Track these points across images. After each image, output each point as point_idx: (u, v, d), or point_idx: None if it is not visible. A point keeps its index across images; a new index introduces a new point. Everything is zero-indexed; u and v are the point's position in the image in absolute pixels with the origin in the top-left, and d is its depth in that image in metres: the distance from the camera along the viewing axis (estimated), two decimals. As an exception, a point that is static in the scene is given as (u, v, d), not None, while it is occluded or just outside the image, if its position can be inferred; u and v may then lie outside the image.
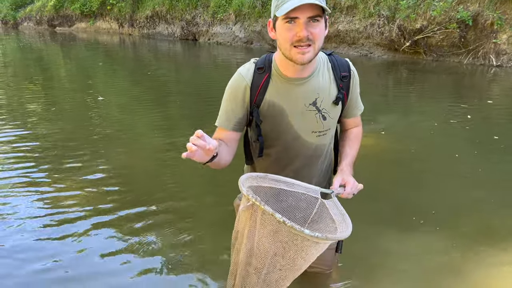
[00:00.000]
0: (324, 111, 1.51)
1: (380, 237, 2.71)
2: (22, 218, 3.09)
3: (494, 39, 8.71)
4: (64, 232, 2.90)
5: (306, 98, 1.49)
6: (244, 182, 1.31)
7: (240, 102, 1.50)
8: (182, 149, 1.25)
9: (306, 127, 1.53)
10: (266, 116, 1.51)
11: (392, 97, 6.96)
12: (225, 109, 1.54)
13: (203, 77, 9.23)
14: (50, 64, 12.20)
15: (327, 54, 1.58)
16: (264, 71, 1.48)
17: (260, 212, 1.18)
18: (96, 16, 23.54)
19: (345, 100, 1.56)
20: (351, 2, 10.96)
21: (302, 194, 1.48)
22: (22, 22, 31.13)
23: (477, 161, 3.91)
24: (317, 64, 1.50)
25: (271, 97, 1.48)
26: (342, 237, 1.25)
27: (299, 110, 1.50)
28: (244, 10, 13.48)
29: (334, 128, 1.63)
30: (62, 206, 3.26)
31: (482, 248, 2.57)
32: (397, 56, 10.31)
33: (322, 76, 1.50)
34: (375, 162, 3.82)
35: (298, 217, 1.50)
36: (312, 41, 1.34)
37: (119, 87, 8.22)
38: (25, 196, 3.46)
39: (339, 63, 1.56)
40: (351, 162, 1.59)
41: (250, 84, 1.48)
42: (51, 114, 6.14)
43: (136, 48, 16.14)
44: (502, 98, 6.55)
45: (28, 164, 4.15)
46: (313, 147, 1.57)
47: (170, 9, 17.35)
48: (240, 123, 1.54)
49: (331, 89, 1.51)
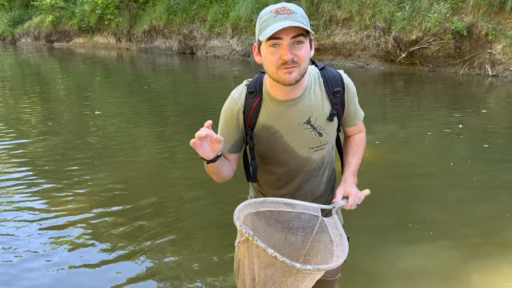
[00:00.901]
0: (319, 128, 1.50)
1: (381, 248, 2.69)
2: (17, 228, 3.05)
3: (489, 49, 8.79)
4: (61, 245, 2.86)
5: (300, 118, 1.48)
6: (240, 211, 1.32)
7: (235, 125, 1.53)
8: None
9: (303, 145, 1.52)
10: (261, 138, 1.52)
11: (388, 108, 6.98)
12: (220, 133, 1.56)
13: (201, 90, 9.26)
14: (47, 79, 12.22)
15: (319, 69, 1.55)
16: (255, 95, 1.49)
17: (254, 246, 1.21)
18: (93, 31, 23.71)
19: (341, 114, 1.55)
20: (347, 14, 11.07)
21: (302, 213, 1.47)
22: (20, 38, 31.34)
23: (470, 169, 3.96)
24: (307, 83, 1.49)
25: (264, 120, 1.49)
26: (335, 266, 1.25)
27: (294, 130, 1.50)
28: (241, 24, 13.60)
29: (334, 139, 1.62)
30: (58, 220, 3.23)
31: (482, 256, 2.57)
32: (394, 67, 10.38)
33: (313, 93, 1.49)
34: (372, 173, 3.82)
35: (299, 238, 1.50)
36: (297, 63, 1.34)
37: (116, 101, 8.23)
38: (21, 208, 3.42)
39: (331, 78, 1.52)
40: (354, 171, 1.58)
41: (242, 108, 1.50)
42: (48, 128, 6.12)
43: (134, 62, 16.22)
44: (496, 107, 6.60)
45: (25, 175, 4.12)
46: (312, 161, 1.56)
47: (168, 23, 17.50)
48: (236, 145, 1.56)
49: (324, 105, 1.50)
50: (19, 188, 3.91)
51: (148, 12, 18.66)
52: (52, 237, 3.02)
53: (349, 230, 1.72)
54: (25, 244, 2.93)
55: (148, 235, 2.98)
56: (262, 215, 1.44)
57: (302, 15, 1.33)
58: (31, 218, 3.31)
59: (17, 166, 4.52)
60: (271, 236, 1.48)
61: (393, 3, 10.02)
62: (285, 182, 1.59)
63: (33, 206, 3.52)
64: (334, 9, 11.31)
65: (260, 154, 1.58)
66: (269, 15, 1.32)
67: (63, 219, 3.27)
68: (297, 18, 1.30)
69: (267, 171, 1.61)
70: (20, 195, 3.75)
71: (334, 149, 1.67)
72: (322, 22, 11.54)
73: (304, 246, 1.49)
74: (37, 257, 2.78)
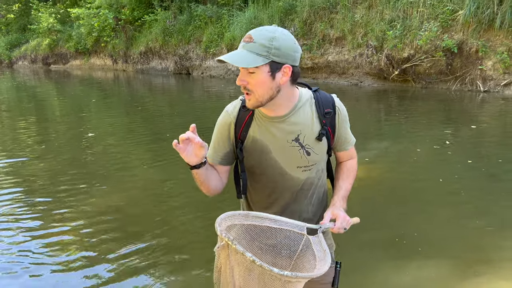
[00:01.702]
0: (307, 146, 1.53)
1: (376, 267, 2.69)
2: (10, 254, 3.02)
3: (480, 65, 8.94)
4: (54, 271, 2.84)
5: (288, 135, 1.51)
6: (222, 221, 1.33)
7: (226, 137, 1.58)
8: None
9: (291, 163, 1.54)
10: (250, 151, 1.56)
11: (380, 125, 7.05)
12: (213, 144, 1.61)
13: (196, 109, 9.32)
14: (43, 101, 12.27)
15: (313, 91, 1.58)
16: (247, 109, 1.53)
17: (233, 251, 1.21)
18: (90, 53, 23.94)
19: (331, 135, 1.57)
20: (340, 33, 11.28)
21: (287, 230, 1.47)
22: (17, 61, 31.55)
23: (459, 184, 4.03)
24: (297, 102, 1.52)
25: (254, 133, 1.54)
26: (315, 275, 1.24)
27: (282, 146, 1.52)
28: (236, 44, 13.78)
29: (324, 161, 1.63)
30: (51, 244, 3.20)
31: (472, 272, 2.58)
32: (387, 85, 10.51)
33: (303, 112, 1.52)
34: (363, 189, 3.84)
35: (284, 255, 1.49)
36: (250, 90, 1.39)
37: (112, 123, 8.26)
38: (13, 233, 3.40)
39: (323, 100, 1.55)
40: (344, 196, 1.58)
41: (235, 121, 1.55)
42: (42, 150, 6.12)
43: (130, 83, 16.34)
44: (487, 123, 6.70)
45: (18, 198, 4.10)
46: (300, 181, 1.58)
47: (164, 44, 17.72)
48: (227, 157, 1.60)
49: (314, 125, 1.52)
50: (11, 208, 3.89)
51: (144, 34, 18.91)
52: (44, 257, 3.00)
53: (340, 245, 1.74)
54: (14, 265, 2.90)
55: (143, 256, 2.96)
56: (247, 230, 1.44)
57: (263, 44, 1.33)
58: (22, 239, 3.28)
59: (10, 187, 4.50)
60: (255, 252, 1.47)
61: (384, 22, 10.23)
62: (273, 200, 1.60)
63: (24, 227, 3.49)
64: (327, 28, 11.52)
65: (249, 169, 1.60)
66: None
67: (55, 238, 3.25)
68: (251, 47, 1.34)
69: (256, 189, 1.63)
70: (12, 216, 3.73)
71: (325, 174, 1.68)
72: (316, 42, 11.73)
73: (289, 263, 1.48)
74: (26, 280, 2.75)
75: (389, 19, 10.18)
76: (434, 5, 9.50)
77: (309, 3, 11.74)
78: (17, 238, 3.34)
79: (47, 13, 25.40)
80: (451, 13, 9.20)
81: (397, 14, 10.05)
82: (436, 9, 9.44)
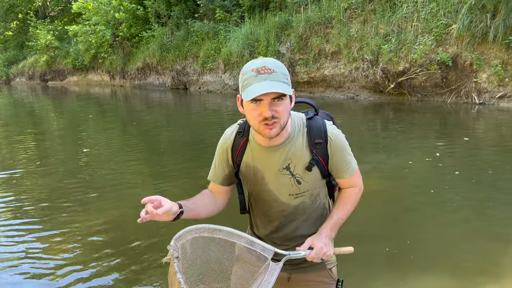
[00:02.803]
0: (298, 175, 1.53)
1: (372, 278, 2.66)
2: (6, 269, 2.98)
3: (475, 78, 9.03)
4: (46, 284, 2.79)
5: (280, 163, 1.52)
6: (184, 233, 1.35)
7: (225, 160, 1.61)
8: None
9: (283, 190, 1.55)
10: (245, 176, 1.60)
11: (376, 138, 7.06)
12: (214, 165, 1.65)
13: (194, 124, 9.33)
14: (40, 118, 12.27)
15: (307, 118, 1.57)
16: (242, 135, 1.57)
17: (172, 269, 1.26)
18: (88, 69, 24.07)
19: (323, 164, 1.55)
20: (335, 48, 11.39)
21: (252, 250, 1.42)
22: (14, 78, 31.68)
23: (450, 195, 4.07)
24: (291, 131, 1.53)
25: (248, 159, 1.57)
26: None
27: (274, 174, 1.54)
28: (233, 59, 13.90)
29: (319, 186, 1.60)
30: (49, 261, 3.16)
31: (471, 282, 2.54)
32: (383, 98, 10.58)
33: (296, 141, 1.52)
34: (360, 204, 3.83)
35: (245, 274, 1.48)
36: (278, 118, 1.39)
37: (109, 138, 8.25)
38: (11, 250, 3.35)
39: (314, 129, 1.54)
40: (333, 224, 1.53)
41: (231, 146, 1.59)
42: (37, 166, 6.09)
43: (128, 99, 16.38)
44: (479, 134, 6.74)
45: (15, 215, 4.06)
46: (292, 207, 1.58)
47: (161, 60, 17.84)
48: (227, 178, 1.63)
49: (304, 154, 1.51)
50: (3, 220, 3.84)
51: (141, 50, 19.06)
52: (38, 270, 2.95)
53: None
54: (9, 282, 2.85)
55: (141, 272, 2.92)
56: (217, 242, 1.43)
57: (283, 72, 1.37)
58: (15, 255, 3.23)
59: (4, 201, 4.46)
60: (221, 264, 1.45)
61: (379, 36, 10.35)
62: (270, 220, 1.62)
63: (16, 241, 3.45)
64: (322, 43, 11.64)
65: (248, 191, 1.65)
66: (250, 74, 1.36)
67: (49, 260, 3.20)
68: (277, 77, 1.35)
69: (254, 208, 1.66)
70: (5, 232, 3.68)
71: (323, 196, 1.65)
72: (312, 56, 11.84)
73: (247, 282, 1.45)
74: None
75: (384, 33, 10.30)
76: (428, 20, 9.63)
77: (305, 18, 11.89)
78: (13, 254, 3.29)
79: (45, 30, 25.63)
80: (445, 27, 9.32)
81: (392, 29, 10.18)
82: (430, 23, 9.57)
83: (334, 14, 11.48)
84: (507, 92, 8.70)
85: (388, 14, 10.31)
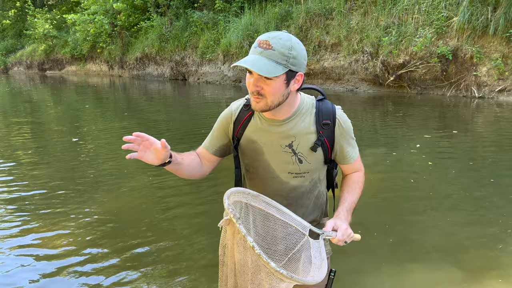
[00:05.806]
0: (300, 154, 1.51)
1: (376, 274, 2.67)
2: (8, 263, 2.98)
3: (475, 71, 9.00)
4: (52, 277, 2.79)
5: (282, 140, 1.51)
6: (230, 195, 1.30)
7: (225, 131, 1.61)
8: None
9: (282, 167, 1.54)
10: (245, 150, 1.58)
11: (376, 131, 7.05)
12: (211, 134, 1.66)
13: (192, 115, 9.30)
14: (37, 107, 12.21)
15: (317, 100, 1.56)
16: (249, 108, 1.55)
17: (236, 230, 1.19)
18: (86, 59, 23.95)
19: (328, 147, 1.53)
20: (335, 40, 11.33)
21: (290, 225, 1.45)
22: (12, 67, 31.51)
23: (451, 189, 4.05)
24: (297, 108, 1.51)
25: (250, 133, 1.55)
26: (308, 281, 1.19)
27: (275, 150, 1.52)
28: (232, 50, 13.83)
29: (320, 171, 1.60)
30: (48, 251, 3.16)
31: (473, 277, 2.54)
32: (383, 91, 10.55)
33: (301, 120, 1.51)
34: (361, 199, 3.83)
35: (279, 249, 1.46)
36: (262, 95, 1.37)
37: (106, 128, 8.22)
38: (9, 241, 3.35)
39: (323, 110, 1.53)
40: (349, 208, 1.52)
41: (234, 118, 1.58)
42: (36, 157, 6.07)
43: (126, 89, 16.30)
44: (478, 128, 6.73)
45: (13, 207, 4.05)
46: (290, 187, 1.56)
47: (160, 50, 17.75)
48: (221, 149, 1.64)
49: (310, 134, 1.51)
50: (2, 214, 3.84)
51: (140, 40, 18.94)
52: (39, 267, 2.95)
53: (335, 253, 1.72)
54: (10, 275, 2.85)
55: (139, 264, 2.92)
56: (250, 210, 1.42)
57: (283, 52, 1.31)
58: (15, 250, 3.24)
59: (1, 192, 4.45)
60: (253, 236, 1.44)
61: (379, 29, 10.29)
62: None
63: (13, 233, 3.45)
64: (322, 35, 11.57)
65: (245, 167, 1.64)
66: (254, 43, 1.35)
67: (51, 251, 3.20)
68: (271, 55, 1.31)
69: (250, 185, 1.64)
70: (3, 224, 3.68)
71: (323, 185, 1.65)
72: (312, 48, 11.78)
73: (282, 258, 1.45)
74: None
75: (384, 25, 10.25)
76: (428, 12, 9.58)
77: (305, 10, 11.81)
78: (11, 243, 3.29)
79: (43, 19, 25.45)
80: (445, 19, 9.27)
81: (392, 21, 10.12)
82: (430, 16, 9.52)
83: (334, 6, 11.41)
84: (507, 85, 8.68)
85: (389, 6, 10.25)
